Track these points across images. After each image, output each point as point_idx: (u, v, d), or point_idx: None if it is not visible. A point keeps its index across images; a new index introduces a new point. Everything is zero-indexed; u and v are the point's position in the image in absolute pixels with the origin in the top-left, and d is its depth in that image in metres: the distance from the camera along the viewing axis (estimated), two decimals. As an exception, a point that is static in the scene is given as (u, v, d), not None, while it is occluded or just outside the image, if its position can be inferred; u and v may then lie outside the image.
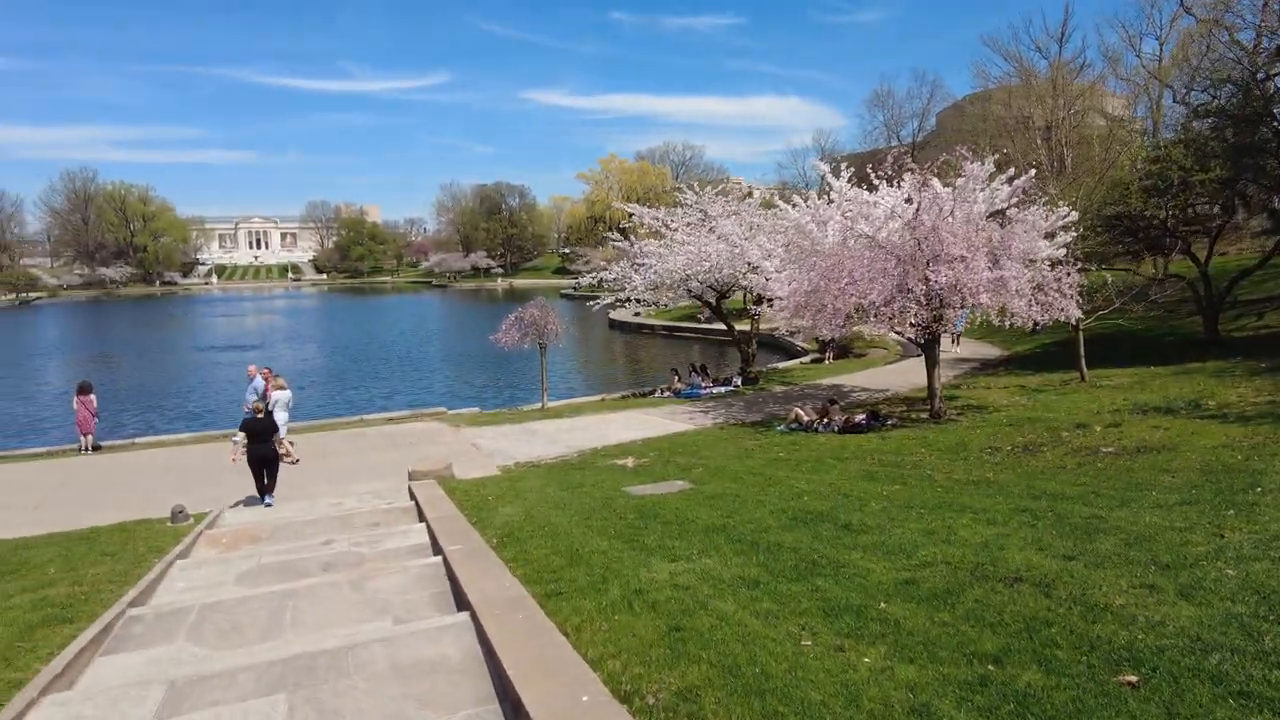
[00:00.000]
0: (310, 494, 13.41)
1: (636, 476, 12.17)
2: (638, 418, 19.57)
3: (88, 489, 14.22)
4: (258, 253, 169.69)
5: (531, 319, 20.85)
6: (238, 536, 10.06)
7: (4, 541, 10.68)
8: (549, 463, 14.84)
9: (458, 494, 11.32)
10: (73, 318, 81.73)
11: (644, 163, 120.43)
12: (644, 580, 6.31)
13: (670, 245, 23.63)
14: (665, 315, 53.89)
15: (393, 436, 18.20)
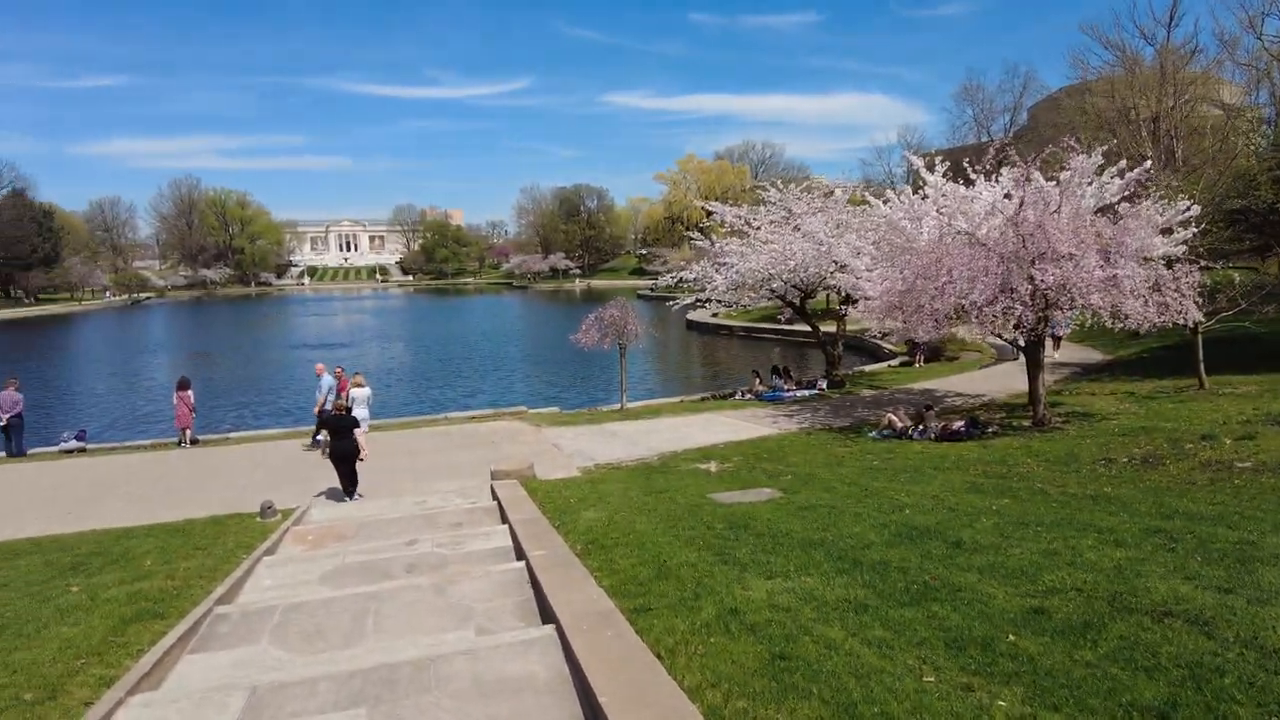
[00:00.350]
0: (396, 491, 13.47)
1: (721, 482, 11.71)
2: (718, 420, 19.08)
3: (185, 482, 14.66)
4: (347, 255, 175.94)
5: (611, 319, 20.61)
6: (323, 534, 10.08)
7: (111, 530, 11.04)
8: (630, 465, 14.53)
9: (539, 495, 11.12)
10: (177, 317, 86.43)
11: (723, 162, 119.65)
12: (739, 598, 5.87)
13: (752, 244, 23.04)
14: (744, 316, 53.09)
15: (475, 435, 18.24)
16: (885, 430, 16.12)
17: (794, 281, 23.18)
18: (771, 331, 46.25)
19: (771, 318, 49.41)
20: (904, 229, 18.24)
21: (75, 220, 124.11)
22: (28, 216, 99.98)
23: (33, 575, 8.26)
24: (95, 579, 7.83)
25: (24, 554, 9.73)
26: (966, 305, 15.42)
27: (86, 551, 9.43)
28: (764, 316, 50.86)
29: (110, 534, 10.66)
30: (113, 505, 13.05)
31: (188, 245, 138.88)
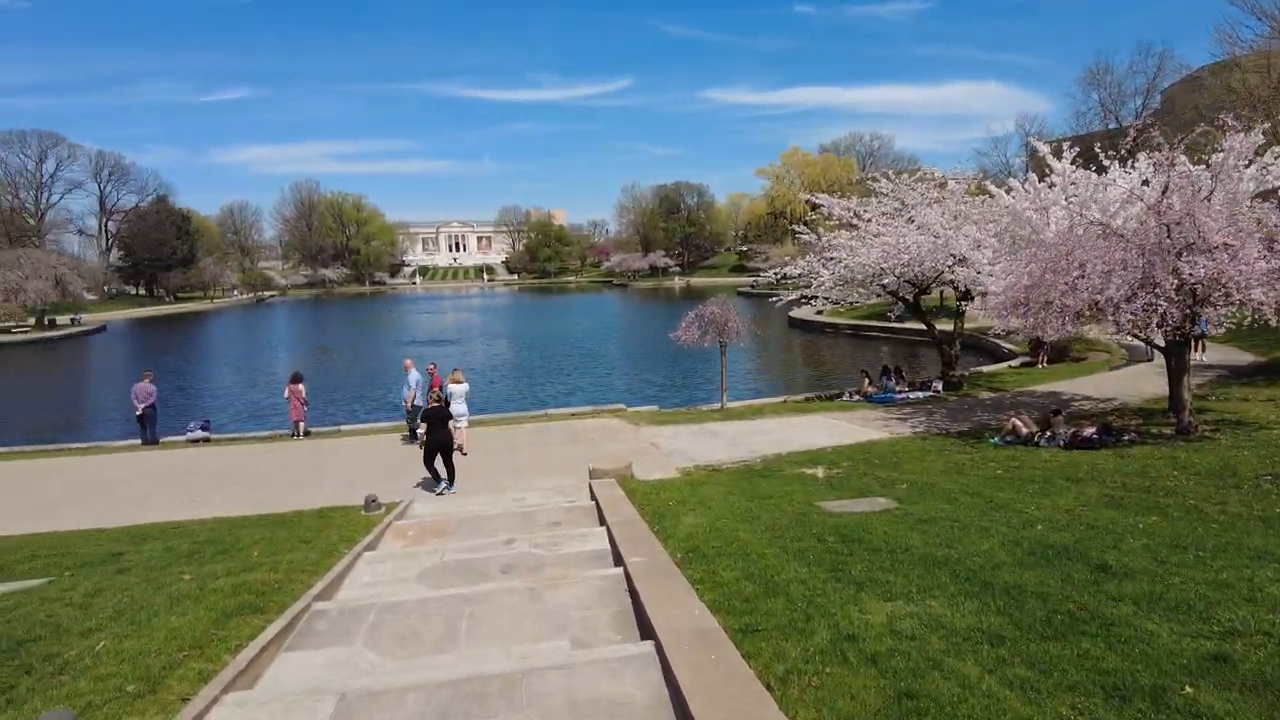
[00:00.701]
0: (497, 487, 13.46)
1: (831, 490, 11.06)
2: (825, 422, 18.29)
3: (296, 473, 15.15)
4: (456, 255, 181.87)
5: (712, 316, 20.11)
6: (424, 530, 10.08)
7: (225, 519, 11.45)
8: (731, 467, 14.02)
9: (638, 496, 10.79)
10: (297, 314, 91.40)
11: (828, 155, 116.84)
12: (856, 622, 5.32)
13: (863, 237, 22.03)
14: (850, 313, 51.35)
15: (575, 432, 18.15)
16: (1009, 436, 14.99)
17: (908, 277, 22.01)
18: (880, 330, 44.58)
19: (880, 315, 47.68)
20: (1029, 220, 16.96)
21: (209, 224, 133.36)
22: (169, 221, 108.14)
23: (154, 561, 8.55)
24: (206, 568, 8.01)
25: (150, 538, 10.17)
26: (1101, 302, 14.12)
27: (203, 539, 9.74)
28: (871, 314, 49.10)
29: (225, 523, 11.02)
30: (230, 494, 13.59)
31: (308, 246, 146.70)
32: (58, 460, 17.44)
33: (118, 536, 10.55)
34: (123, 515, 12.20)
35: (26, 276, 64.51)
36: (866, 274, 22.19)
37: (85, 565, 8.70)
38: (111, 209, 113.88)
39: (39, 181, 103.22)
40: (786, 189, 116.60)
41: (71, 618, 6.41)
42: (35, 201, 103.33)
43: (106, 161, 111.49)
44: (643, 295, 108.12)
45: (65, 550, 9.65)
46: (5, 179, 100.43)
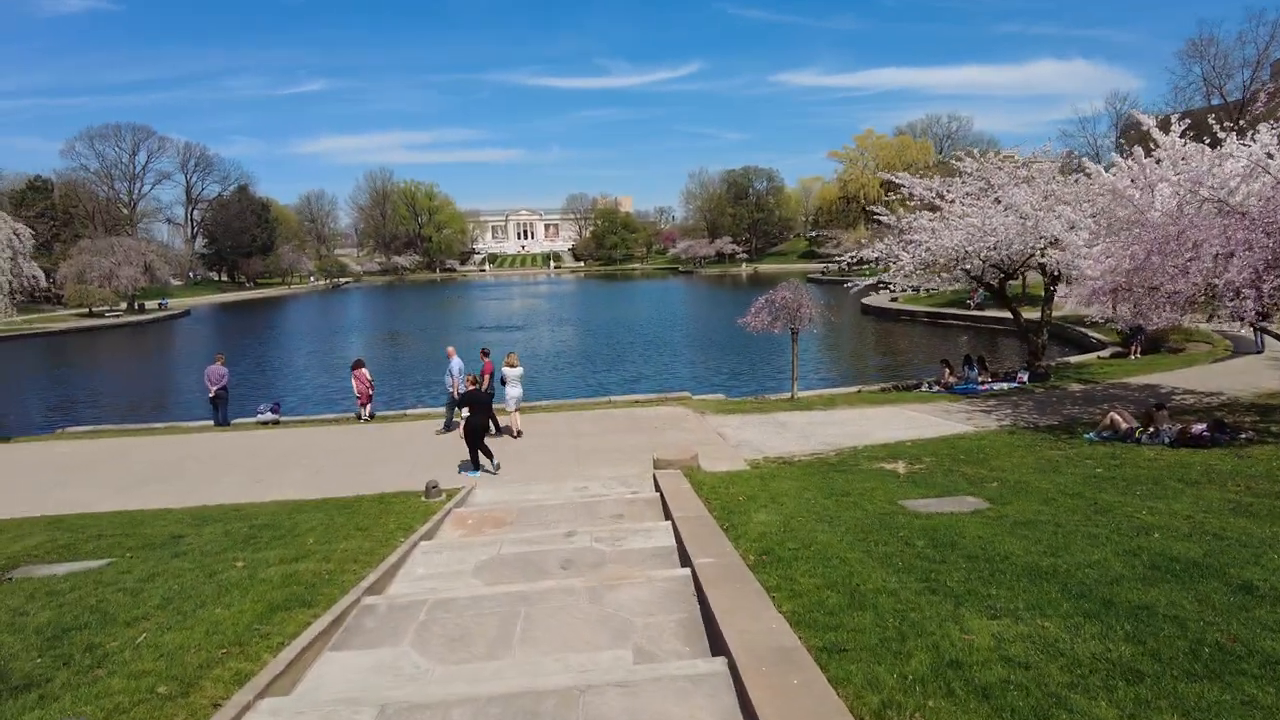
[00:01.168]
0: (559, 474, 13.08)
1: (914, 487, 10.26)
2: (903, 414, 17.34)
3: (360, 456, 15.07)
4: (524, 243, 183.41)
5: (783, 302, 19.28)
6: (483, 519, 9.72)
7: (286, 503, 11.34)
8: (803, 460, 13.30)
9: (704, 490, 10.22)
10: (370, 300, 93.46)
11: (904, 137, 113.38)
12: (959, 644, 4.64)
13: (946, 219, 20.82)
14: (927, 301, 49.69)
15: (638, 420, 17.65)
16: (1106, 432, 13.83)
17: (993, 260, 20.72)
18: (958, 318, 42.84)
19: (958, 303, 45.92)
20: (1131, 199, 15.61)
21: (288, 212, 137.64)
22: (249, 209, 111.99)
23: (210, 545, 8.40)
24: (260, 554, 7.80)
25: (211, 521, 10.09)
26: (1220, 286, 12.84)
27: (261, 523, 9.60)
28: (948, 301, 47.29)
29: (285, 507, 10.90)
30: (294, 476, 13.56)
31: (381, 234, 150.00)
32: (137, 440, 17.86)
33: (182, 518, 10.52)
34: (190, 496, 12.26)
35: (119, 263, 67.52)
36: (949, 257, 20.98)
37: (145, 547, 8.61)
38: (197, 198, 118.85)
39: (132, 173, 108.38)
40: (860, 172, 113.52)
41: (120, 604, 6.22)
42: (129, 192, 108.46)
43: (193, 153, 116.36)
44: (708, 282, 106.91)
45: (130, 531, 9.63)
46: (102, 170, 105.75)
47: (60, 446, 17.28)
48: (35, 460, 16.05)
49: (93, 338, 56.63)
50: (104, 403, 28.78)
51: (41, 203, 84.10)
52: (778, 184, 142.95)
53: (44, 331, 58.17)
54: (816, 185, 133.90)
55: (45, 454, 16.67)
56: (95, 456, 16.10)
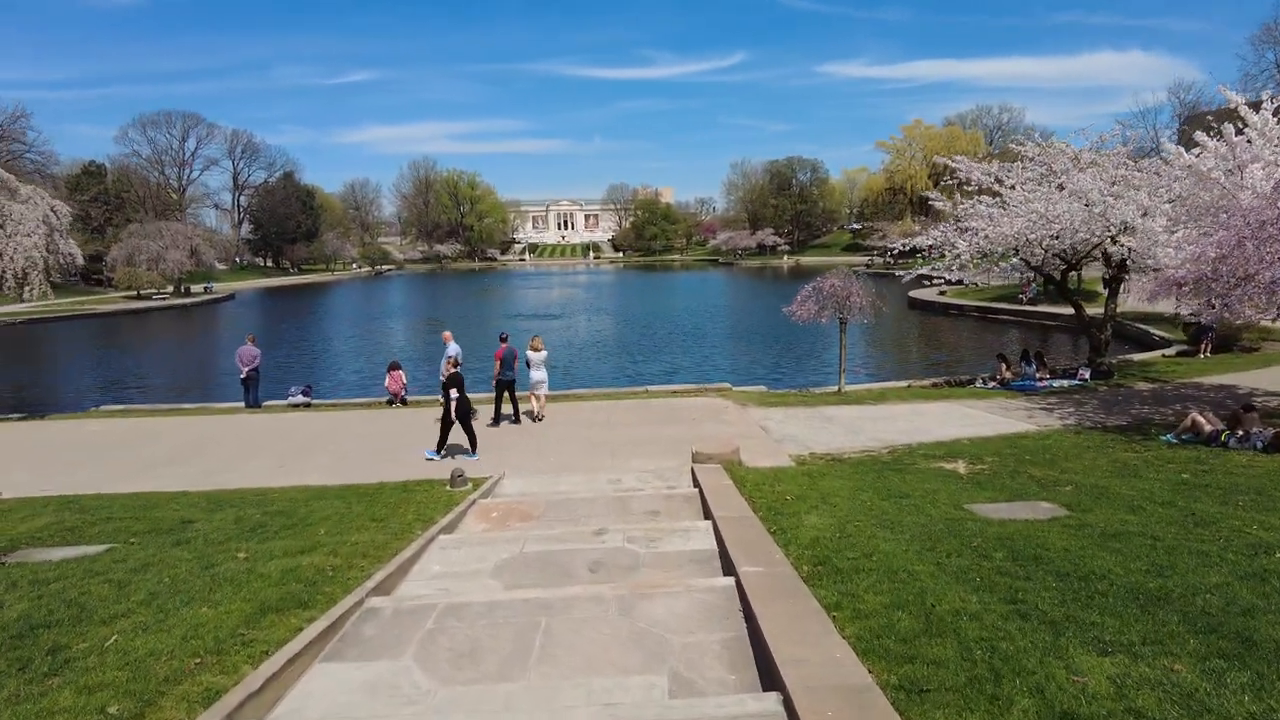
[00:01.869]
0: (592, 465, 12.39)
1: (979, 489, 9.33)
2: (959, 411, 16.30)
3: (388, 441, 14.57)
4: (564, 233, 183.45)
5: (832, 290, 18.28)
6: (509, 511, 9.04)
7: (307, 489, 10.81)
8: (853, 457, 12.40)
9: (747, 486, 9.42)
10: (412, 286, 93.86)
11: (953, 127, 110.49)
12: (1069, 690, 3.79)
13: (1005, 205, 19.62)
14: (975, 295, 48.07)
15: (676, 410, 16.87)
16: (1186, 434, 12.68)
17: (1056, 250, 19.47)
18: (1009, 313, 41.21)
19: (1009, 297, 44.24)
20: (1218, 181, 14.37)
21: (332, 200, 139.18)
22: (294, 196, 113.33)
23: (215, 534, 7.85)
24: (266, 544, 7.21)
25: (226, 506, 9.59)
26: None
27: (275, 509, 9.06)
28: (998, 296, 45.67)
29: (306, 493, 10.37)
30: (319, 461, 13.08)
31: (424, 222, 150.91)
32: (167, 420, 17.61)
33: (197, 501, 10.05)
34: (210, 479, 11.83)
35: (166, 247, 68.60)
36: (1008, 246, 19.80)
37: (151, 532, 8.11)
38: (243, 184, 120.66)
39: (181, 159, 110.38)
40: (908, 163, 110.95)
41: (102, 599, 5.65)
42: (178, 177, 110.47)
43: (240, 139, 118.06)
44: (749, 274, 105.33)
45: (141, 514, 9.16)
46: (153, 156, 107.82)
47: (91, 425, 17.08)
48: (65, 438, 15.85)
49: (139, 319, 57.56)
50: (144, 383, 28.89)
51: (95, 187, 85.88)
52: (822, 175, 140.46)
53: (93, 313, 59.33)
54: (862, 176, 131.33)
55: (75, 432, 16.48)
56: (124, 436, 15.84)
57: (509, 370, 15.87)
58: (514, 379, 15.99)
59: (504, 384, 15.93)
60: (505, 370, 15.81)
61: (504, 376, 15.85)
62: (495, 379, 15.96)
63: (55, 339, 45.61)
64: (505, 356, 15.85)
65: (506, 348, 16.04)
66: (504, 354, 15.88)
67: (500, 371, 15.81)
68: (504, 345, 16.12)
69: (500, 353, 15.97)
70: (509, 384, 15.97)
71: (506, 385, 15.96)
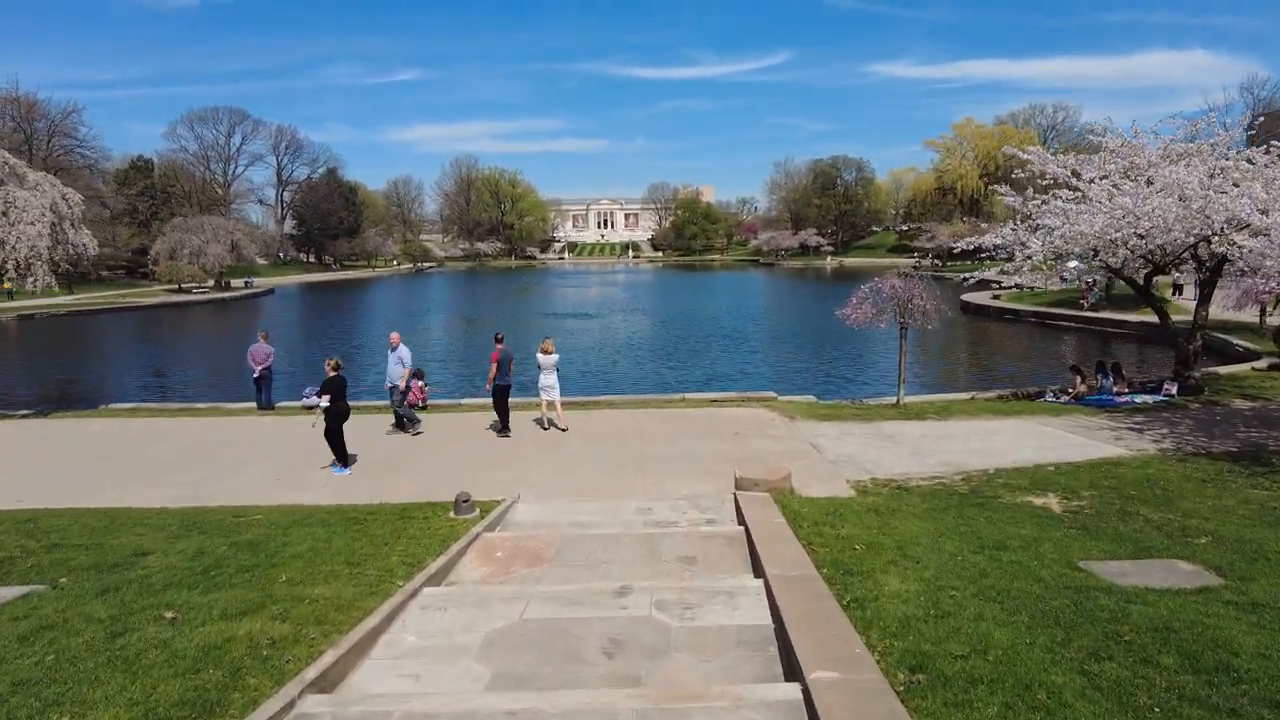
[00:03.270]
0: (620, 487, 10.92)
1: (1089, 538, 7.60)
2: (1034, 429, 14.48)
3: (398, 452, 13.29)
4: (604, 232, 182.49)
5: (892, 292, 16.50)
6: (516, 551, 7.59)
7: (294, 510, 9.50)
8: (923, 485, 10.72)
9: (804, 526, 7.85)
10: (452, 284, 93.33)
11: (1005, 126, 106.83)
12: None
13: (1088, 200, 17.65)
14: (1033, 300, 45.69)
15: (716, 422, 15.30)
16: (1321, 467, 10.77)
17: (1142, 250, 17.43)
18: (1069, 319, 38.78)
19: (1069, 302, 41.71)
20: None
21: (375, 196, 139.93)
22: (337, 192, 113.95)
23: (160, 577, 6.53)
24: (209, 597, 5.86)
25: (195, 531, 8.31)
26: None
27: (246, 539, 7.74)
28: (1056, 301, 43.20)
29: (290, 515, 9.06)
30: (319, 474, 11.81)
31: (465, 220, 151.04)
32: (174, 421, 16.57)
33: (167, 524, 8.78)
34: (197, 492, 10.68)
35: (207, 241, 68.88)
36: (1086, 245, 17.79)
37: (92, 569, 6.84)
38: (287, 180, 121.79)
39: (227, 154, 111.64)
40: (958, 162, 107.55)
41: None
42: (224, 173, 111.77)
43: (284, 135, 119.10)
44: (791, 275, 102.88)
45: (96, 540, 7.92)
46: (199, 152, 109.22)
47: (93, 425, 16.09)
48: (62, 439, 14.86)
49: (179, 313, 57.64)
50: (174, 377, 28.19)
51: (142, 181, 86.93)
52: (867, 175, 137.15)
53: (135, 305, 59.70)
54: (909, 176, 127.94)
55: (75, 432, 15.49)
56: (123, 437, 14.80)
57: (505, 375, 14.44)
58: (510, 384, 14.56)
59: (501, 390, 14.46)
60: (501, 375, 14.38)
61: (500, 381, 14.40)
62: (490, 383, 14.52)
63: (95, 331, 45.57)
64: (501, 359, 14.41)
65: (502, 349, 14.59)
66: (500, 356, 14.43)
67: (496, 375, 14.36)
68: (500, 346, 14.66)
69: (495, 355, 14.52)
70: (506, 390, 14.52)
71: (503, 391, 14.49)
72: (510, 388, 14.57)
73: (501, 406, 14.51)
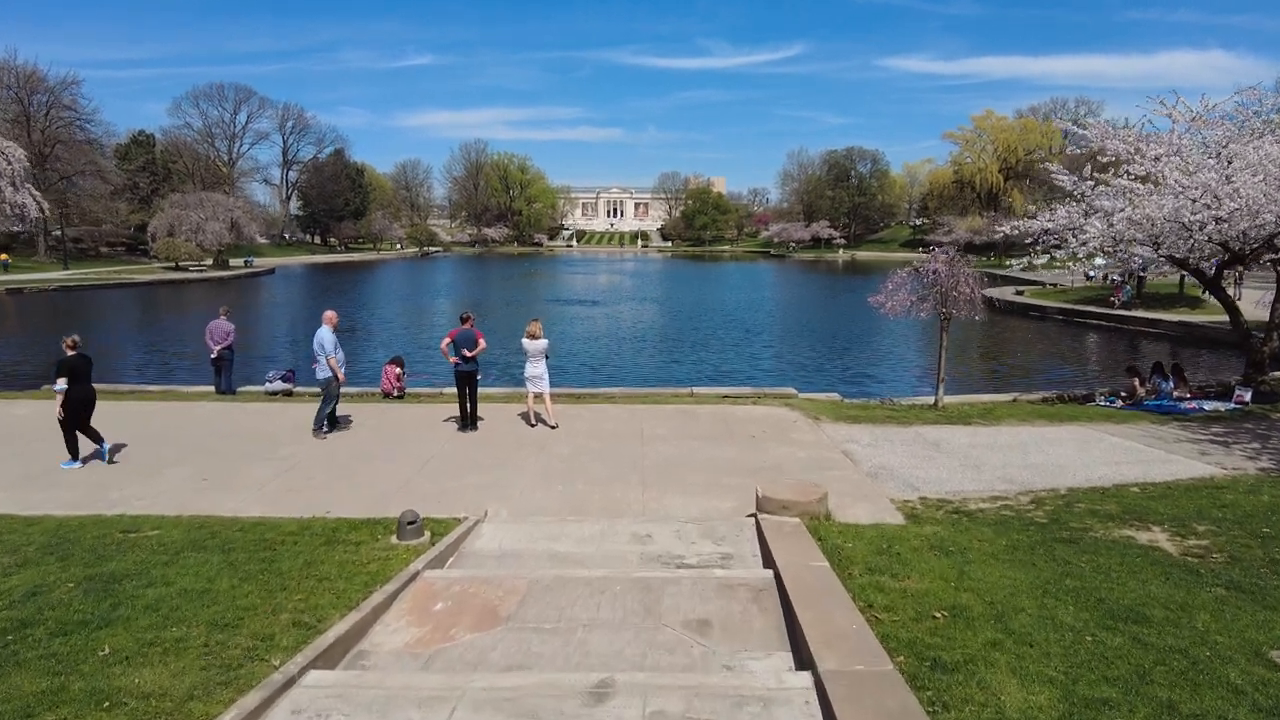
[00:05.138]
0: (613, 501, 8.94)
1: (1250, 601, 5.53)
2: (1100, 439, 12.41)
3: (359, 448, 11.28)
4: (613, 220, 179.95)
5: (934, 277, 14.39)
6: (463, 602, 5.59)
7: (197, 525, 7.54)
8: (985, 509, 8.67)
9: (854, 572, 5.87)
10: (457, 268, 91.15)
11: (1026, 119, 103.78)
12: None
13: (1159, 180, 15.52)
14: (1059, 296, 43.68)
15: (729, 422, 13.28)
16: None
17: (1222, 237, 15.28)
18: (1098, 317, 36.57)
19: (1097, 299, 39.49)
20: None
21: (383, 179, 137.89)
22: (343, 173, 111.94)
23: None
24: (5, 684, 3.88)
25: (53, 557, 6.35)
26: None
27: (107, 574, 5.78)
28: (1084, 298, 41.11)
29: (188, 536, 7.09)
30: (256, 474, 9.87)
31: (473, 205, 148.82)
32: (118, 405, 14.48)
33: (27, 543, 6.82)
34: (101, 495, 8.78)
35: (206, 218, 67.03)
36: (1151, 232, 15.67)
37: None
38: (292, 160, 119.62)
39: (232, 132, 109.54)
40: (977, 155, 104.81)
41: None
42: (229, 151, 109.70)
43: (290, 114, 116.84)
44: (802, 267, 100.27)
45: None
46: (204, 129, 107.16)
47: (19, 409, 14.17)
48: (-21, 424, 12.95)
49: (173, 290, 55.77)
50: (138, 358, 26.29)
51: (143, 156, 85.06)
52: (882, 167, 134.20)
53: (129, 282, 57.78)
54: (925, 169, 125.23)
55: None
56: (48, 425, 12.85)
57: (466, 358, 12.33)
58: (474, 370, 12.50)
59: (463, 377, 12.38)
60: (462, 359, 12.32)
61: (462, 366, 12.33)
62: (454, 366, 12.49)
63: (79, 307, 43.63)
64: (458, 339, 12.34)
65: (463, 330, 12.46)
66: (457, 336, 12.37)
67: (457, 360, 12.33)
68: (463, 327, 12.52)
69: (454, 334, 12.46)
70: (468, 377, 12.42)
71: (466, 379, 12.40)
72: (474, 375, 12.47)
73: (461, 395, 12.48)
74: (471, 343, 12.38)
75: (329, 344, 12.14)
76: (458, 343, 12.31)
